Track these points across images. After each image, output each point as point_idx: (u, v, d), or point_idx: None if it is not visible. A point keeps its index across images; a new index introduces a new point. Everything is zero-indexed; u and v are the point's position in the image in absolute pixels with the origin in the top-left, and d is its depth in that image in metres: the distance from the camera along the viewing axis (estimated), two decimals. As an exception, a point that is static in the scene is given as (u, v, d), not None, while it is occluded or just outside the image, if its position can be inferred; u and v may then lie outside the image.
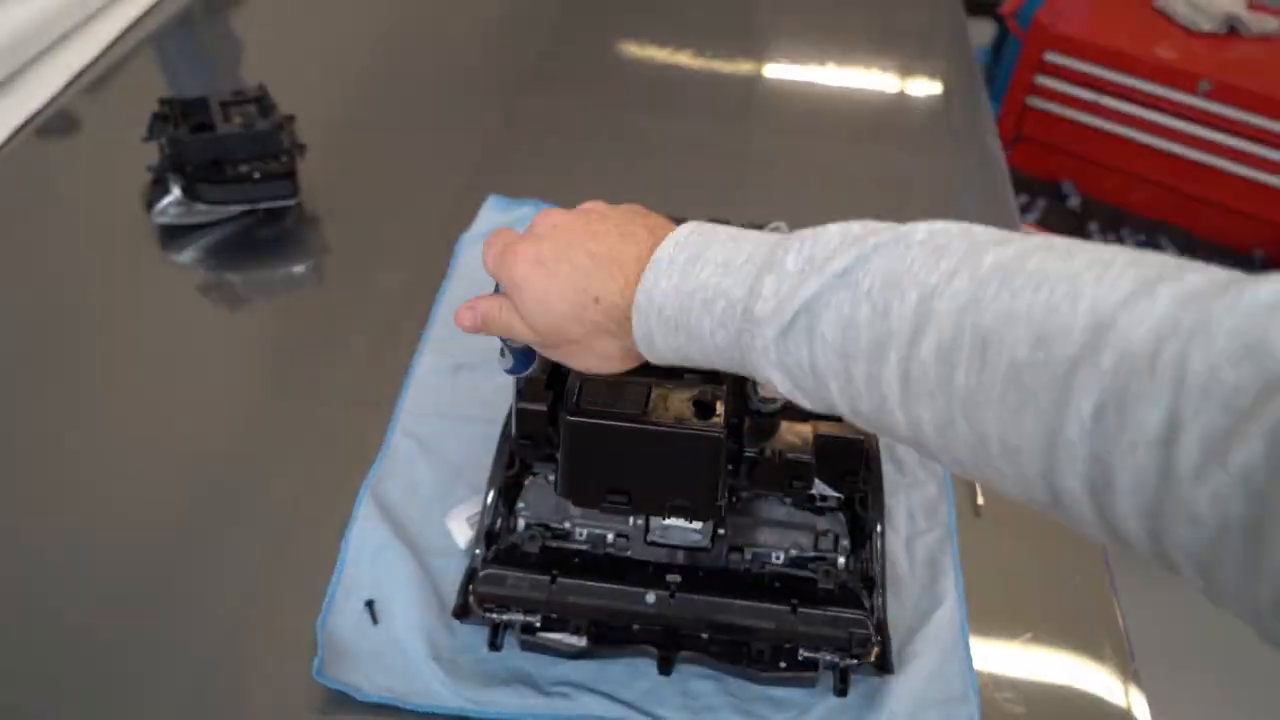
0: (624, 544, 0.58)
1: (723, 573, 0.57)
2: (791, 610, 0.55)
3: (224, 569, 0.62)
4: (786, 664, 0.56)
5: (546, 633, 0.57)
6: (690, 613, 0.55)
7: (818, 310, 0.36)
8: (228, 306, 0.82)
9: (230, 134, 0.82)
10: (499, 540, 0.59)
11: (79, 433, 0.71)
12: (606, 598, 0.55)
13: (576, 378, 0.51)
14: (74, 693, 0.56)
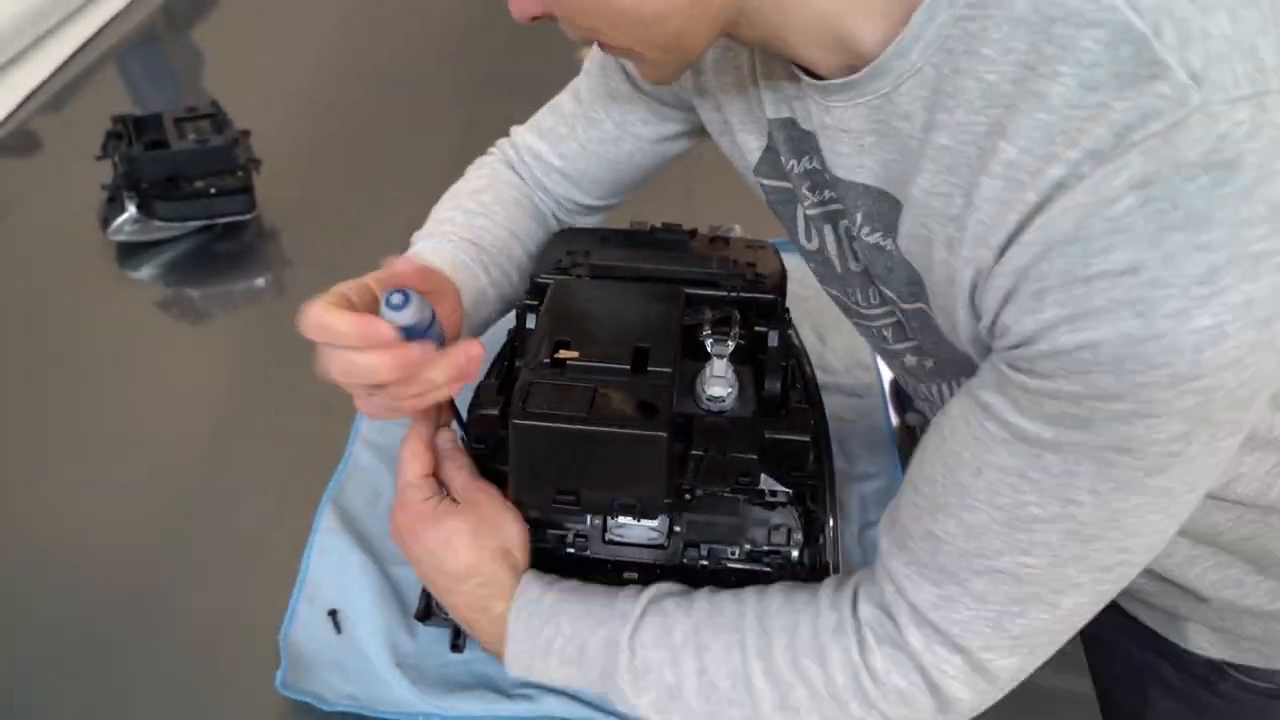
0: (583, 543, 0.58)
1: (679, 569, 0.57)
2: None
3: (189, 583, 0.61)
4: None
5: None
6: None
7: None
8: (188, 322, 0.81)
9: (184, 150, 0.80)
10: None
11: (40, 450, 0.69)
12: None
13: (525, 379, 0.51)
14: (41, 710, 0.55)
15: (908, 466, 0.47)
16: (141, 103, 1.05)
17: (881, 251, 0.46)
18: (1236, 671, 0.65)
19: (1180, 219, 0.32)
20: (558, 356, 0.52)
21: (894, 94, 0.40)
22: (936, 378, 0.55)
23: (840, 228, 0.51)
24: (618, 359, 0.51)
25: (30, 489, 0.67)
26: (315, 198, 0.92)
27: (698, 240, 0.66)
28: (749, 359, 0.58)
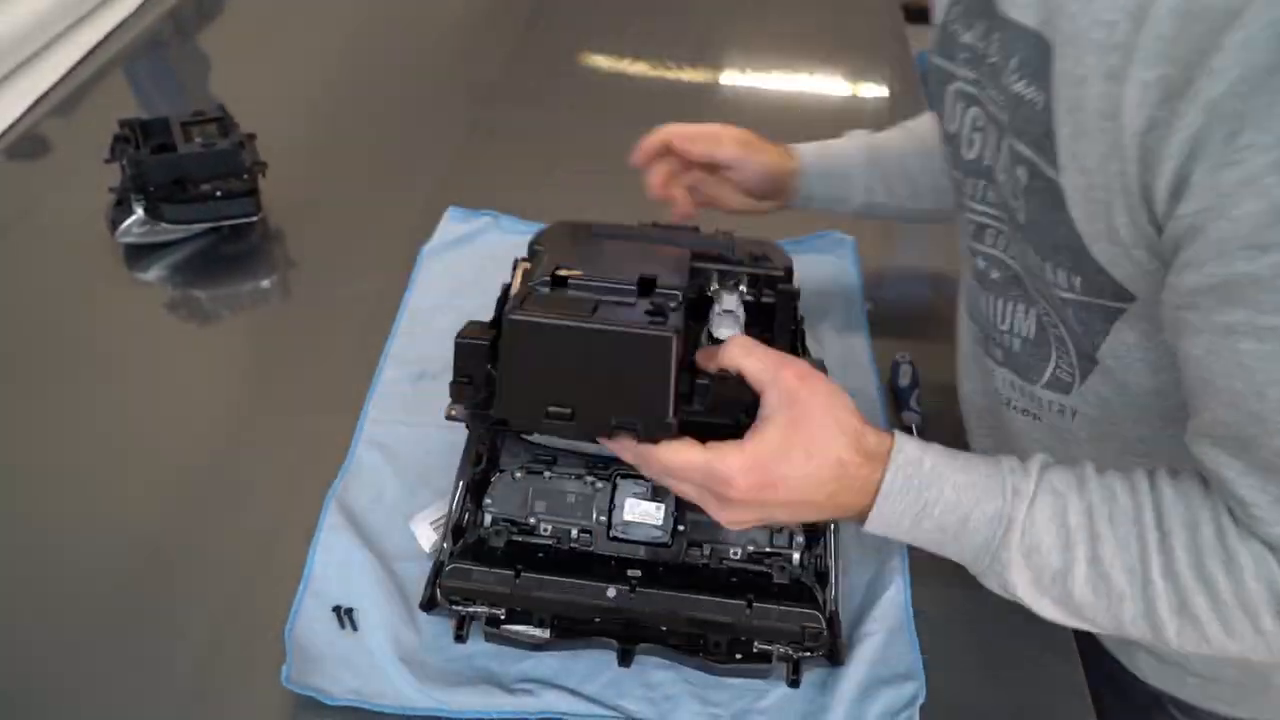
0: (587, 539, 0.57)
1: (682, 568, 0.57)
2: (747, 606, 0.54)
3: (197, 580, 0.61)
4: (742, 655, 0.56)
5: (511, 625, 0.56)
6: (650, 607, 0.55)
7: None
8: (196, 322, 0.81)
9: (191, 154, 0.80)
10: (466, 535, 0.58)
11: (51, 449, 0.69)
12: (569, 592, 0.55)
13: (522, 291, 0.47)
14: (52, 700, 0.55)
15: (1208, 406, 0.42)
16: (149, 107, 1.05)
17: (1023, 103, 0.46)
18: (1174, 707, 0.64)
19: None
20: (559, 274, 0.47)
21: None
22: (996, 291, 0.58)
23: (985, 110, 0.53)
24: (623, 281, 0.47)
25: (41, 485, 0.67)
26: (320, 200, 0.92)
27: (702, 233, 0.67)
28: (755, 323, 0.55)
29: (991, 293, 0.59)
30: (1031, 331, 0.56)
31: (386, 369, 0.74)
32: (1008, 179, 0.51)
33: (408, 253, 0.85)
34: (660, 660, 0.58)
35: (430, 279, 0.83)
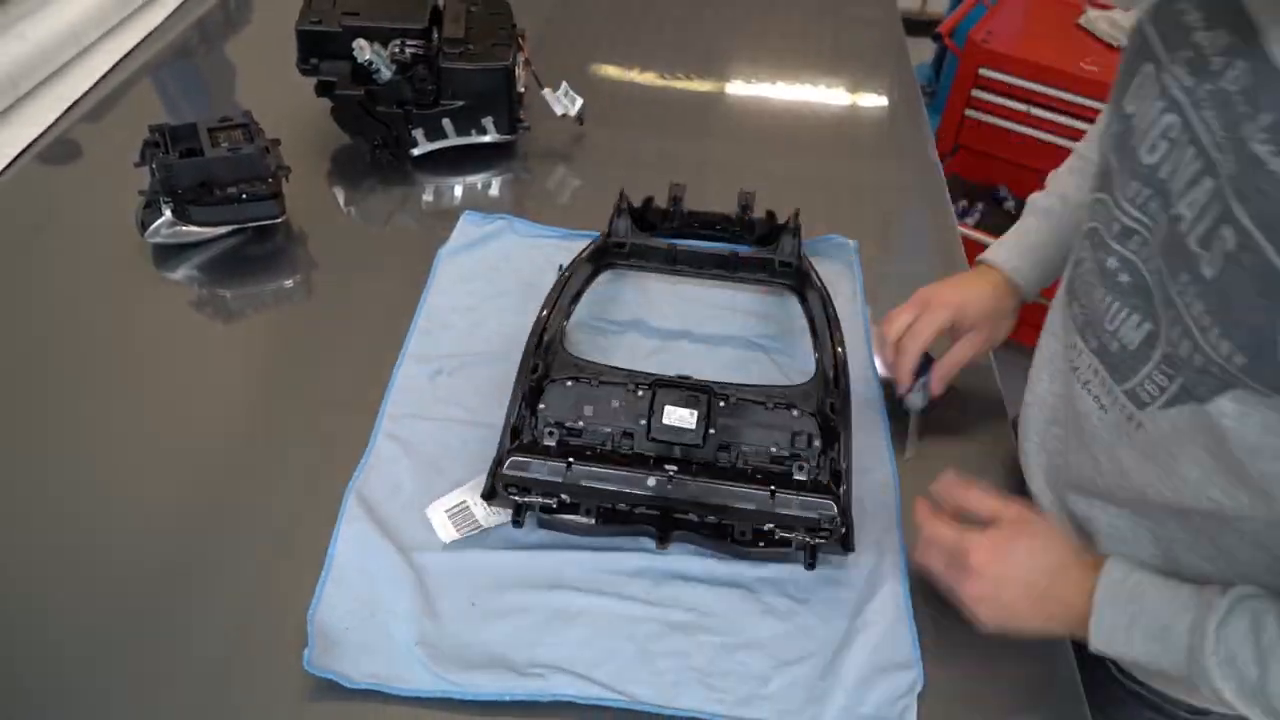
0: (629, 441, 0.62)
1: (712, 465, 0.61)
2: (770, 495, 0.59)
3: (223, 569, 0.62)
4: (765, 543, 0.61)
5: (561, 515, 0.61)
6: (684, 495, 0.60)
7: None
8: (221, 320, 0.81)
9: (217, 158, 0.80)
10: (522, 436, 0.62)
11: (83, 443, 0.69)
12: (614, 481, 0.60)
13: None
14: (85, 682, 0.56)
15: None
16: (176, 113, 1.05)
17: (1264, 173, 0.42)
18: (1113, 664, 0.64)
19: None
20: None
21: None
22: (1117, 293, 0.54)
23: (1192, 132, 0.47)
24: None
25: (73, 478, 0.67)
26: (341, 203, 0.93)
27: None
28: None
29: (1111, 292, 0.54)
30: (1135, 343, 0.52)
31: (404, 366, 0.75)
32: (1203, 228, 0.46)
33: (426, 254, 0.86)
34: (668, 648, 0.58)
35: (447, 279, 0.83)
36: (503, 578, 0.61)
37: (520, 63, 0.95)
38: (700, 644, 0.58)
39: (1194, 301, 0.46)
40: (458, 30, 0.92)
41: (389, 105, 0.90)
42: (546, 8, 1.24)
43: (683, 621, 0.59)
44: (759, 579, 0.62)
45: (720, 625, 0.59)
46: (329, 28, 0.89)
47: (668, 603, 0.60)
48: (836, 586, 0.62)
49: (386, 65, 0.88)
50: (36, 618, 0.59)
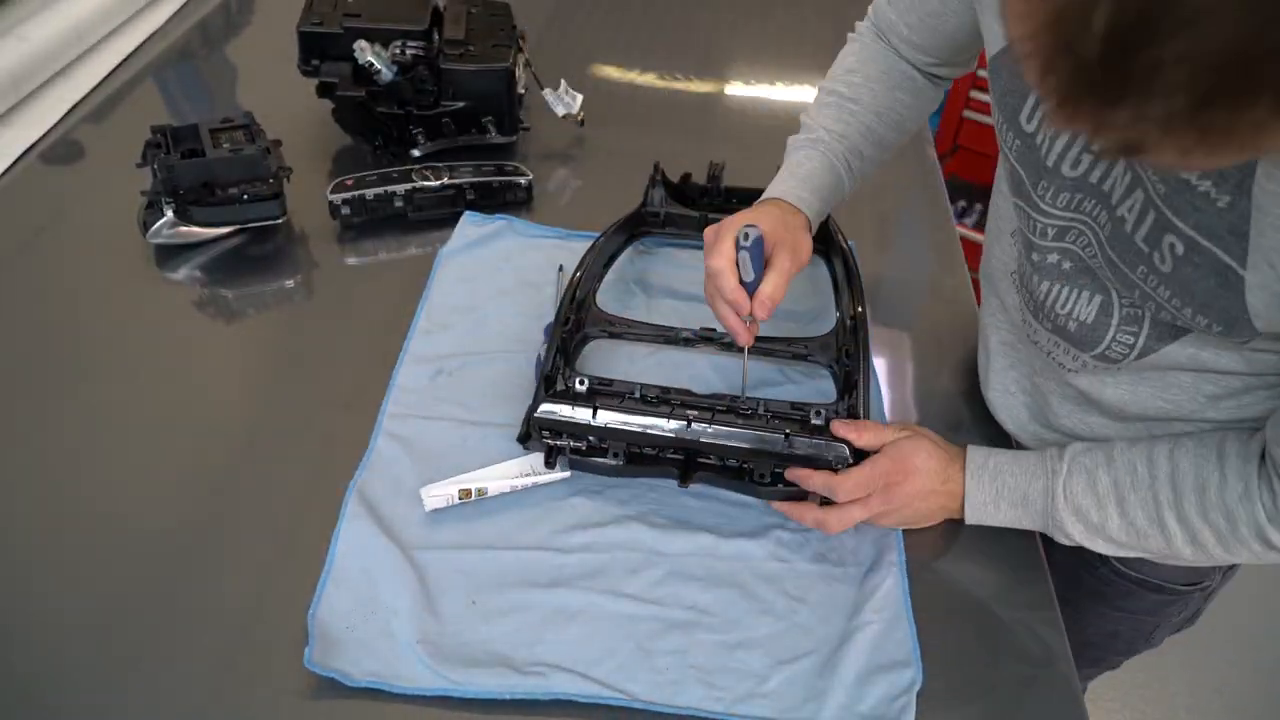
0: (656, 390, 0.65)
1: (731, 410, 0.64)
2: (785, 437, 0.62)
3: (224, 567, 0.62)
4: (782, 484, 0.64)
5: (590, 458, 0.65)
6: (705, 438, 0.63)
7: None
8: (222, 320, 0.81)
9: (219, 159, 0.80)
10: (555, 384, 0.66)
11: (85, 441, 0.69)
12: (639, 425, 0.63)
13: None
14: (85, 681, 0.56)
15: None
16: (178, 114, 1.05)
17: (1196, 194, 0.45)
18: (1115, 559, 0.70)
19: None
20: None
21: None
22: (1058, 278, 0.58)
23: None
24: None
25: (74, 477, 0.67)
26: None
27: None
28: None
29: (1056, 281, 0.58)
30: (1091, 316, 0.57)
31: (405, 366, 0.75)
32: (1145, 230, 0.50)
33: (426, 254, 0.86)
34: (667, 645, 0.58)
35: (448, 280, 0.83)
36: (503, 577, 0.61)
37: (520, 64, 0.95)
38: (699, 642, 0.58)
39: (1158, 288, 0.51)
40: (458, 31, 0.93)
41: (390, 106, 0.91)
42: (546, 8, 1.24)
43: (682, 620, 0.59)
44: (758, 577, 0.62)
45: (719, 623, 0.59)
46: (330, 29, 0.89)
47: (667, 601, 0.60)
48: (835, 584, 0.62)
49: (387, 66, 0.88)
50: (37, 617, 0.59)
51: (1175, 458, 0.56)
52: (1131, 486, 0.57)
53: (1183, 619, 0.76)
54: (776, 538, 0.64)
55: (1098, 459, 0.59)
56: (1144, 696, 1.43)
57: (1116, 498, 0.57)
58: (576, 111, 0.98)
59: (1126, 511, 0.57)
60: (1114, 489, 0.58)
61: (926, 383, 0.79)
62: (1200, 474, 0.55)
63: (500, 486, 0.65)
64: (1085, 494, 0.58)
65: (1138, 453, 0.58)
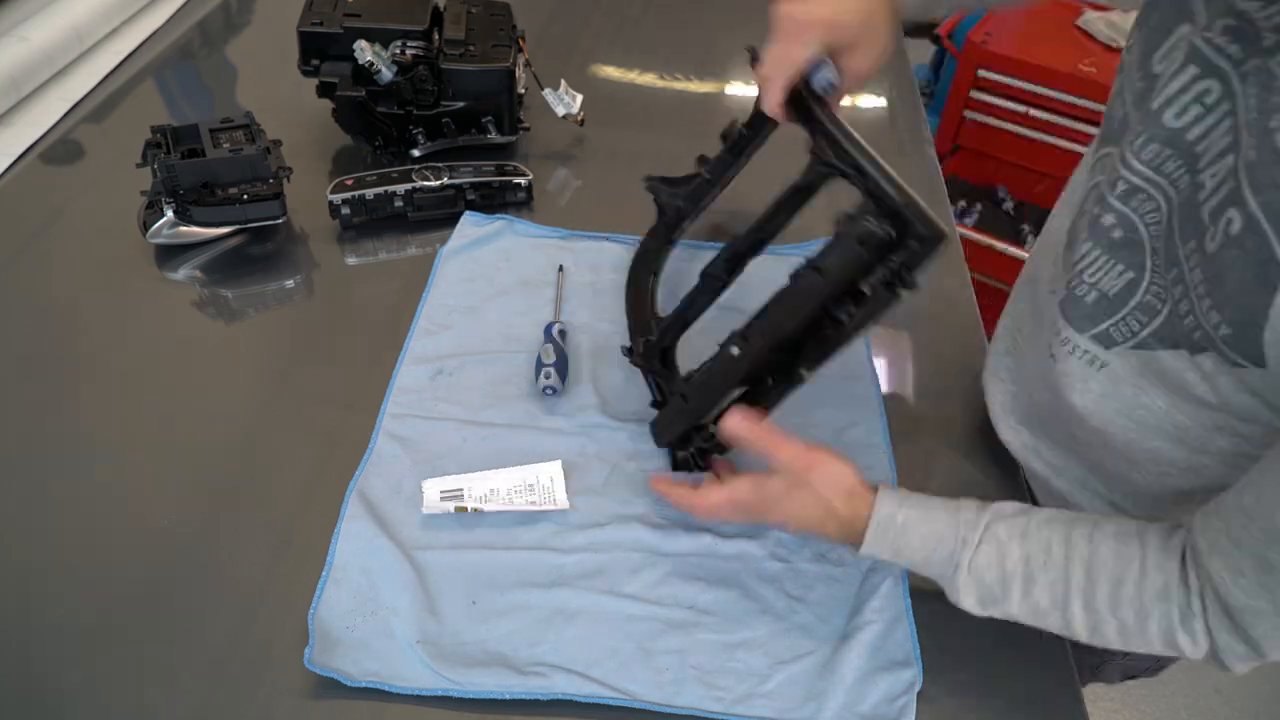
0: None
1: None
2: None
3: (224, 567, 0.62)
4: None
5: None
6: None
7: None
8: (223, 320, 0.81)
9: (219, 159, 0.80)
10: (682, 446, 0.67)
11: (84, 442, 0.69)
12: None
13: None
14: (86, 681, 0.56)
15: (1236, 491, 0.47)
16: (178, 114, 1.05)
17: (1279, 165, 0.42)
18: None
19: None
20: None
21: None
22: (1105, 247, 0.55)
23: (1231, 102, 0.46)
24: None
25: (74, 476, 0.67)
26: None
27: None
28: None
29: (1099, 246, 0.55)
30: (1115, 290, 0.54)
31: (405, 366, 0.75)
32: (1216, 201, 0.46)
33: (426, 254, 0.86)
34: (666, 646, 0.58)
35: (448, 280, 0.83)
36: (503, 577, 0.61)
37: (520, 64, 0.95)
38: (699, 642, 0.58)
39: (1195, 269, 0.48)
40: (458, 31, 0.93)
41: (390, 106, 0.91)
42: (546, 8, 1.24)
43: (682, 620, 0.59)
44: (758, 577, 0.62)
45: (719, 623, 0.59)
46: (330, 29, 0.89)
47: (667, 601, 0.60)
48: (835, 584, 0.62)
49: (387, 66, 0.88)
50: (37, 616, 0.59)
51: (1095, 542, 0.52)
52: (1043, 567, 0.53)
53: None
54: (776, 537, 0.64)
55: (1013, 531, 0.54)
56: (1143, 696, 1.43)
57: (1024, 576, 0.53)
58: (576, 111, 0.98)
59: (1031, 592, 0.53)
60: (1023, 565, 0.53)
61: (925, 381, 0.79)
62: (1119, 564, 0.51)
63: (496, 507, 0.64)
64: (991, 568, 0.54)
65: (1055, 531, 0.53)
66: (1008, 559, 0.53)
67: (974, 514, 0.55)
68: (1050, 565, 0.53)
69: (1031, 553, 0.53)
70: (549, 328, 0.76)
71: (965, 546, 0.54)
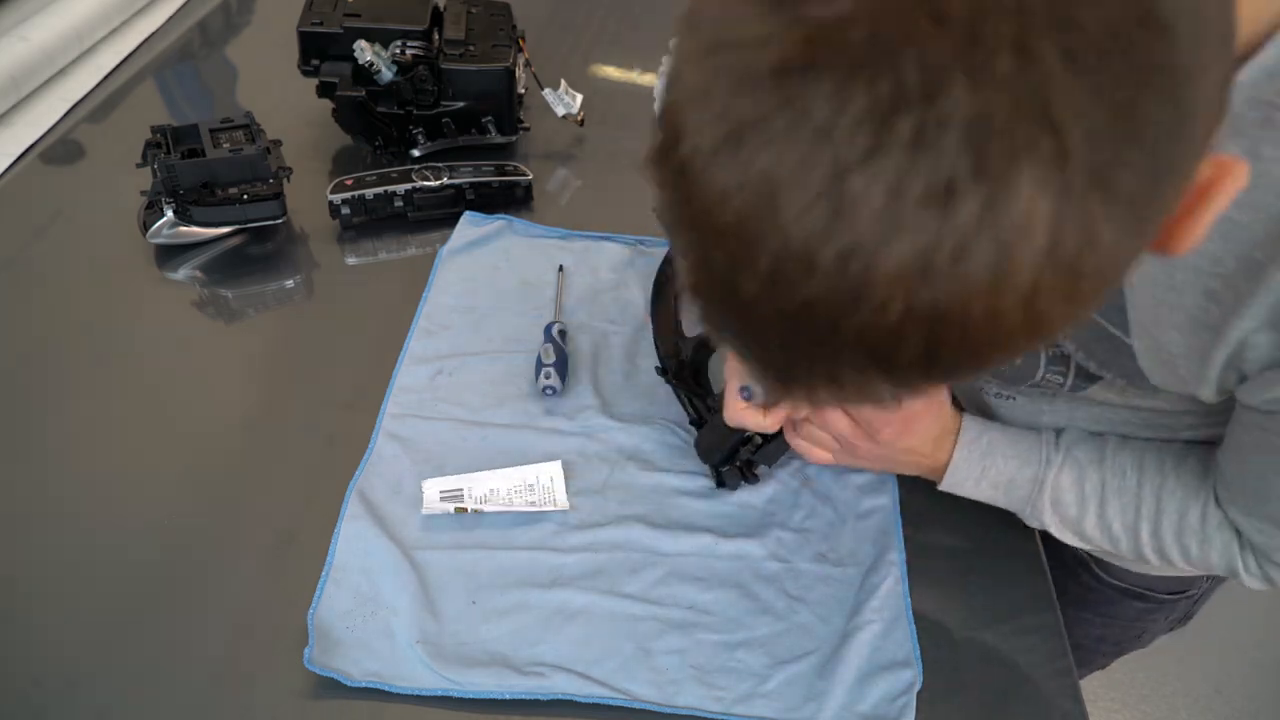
0: None
1: None
2: None
3: (224, 567, 0.62)
4: None
5: None
6: None
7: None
8: (222, 320, 0.81)
9: (219, 159, 0.80)
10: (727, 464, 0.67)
11: (83, 442, 0.69)
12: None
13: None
14: (85, 681, 0.56)
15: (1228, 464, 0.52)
16: (178, 114, 1.05)
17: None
18: (1096, 566, 0.71)
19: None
20: None
21: None
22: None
23: None
24: None
25: (74, 476, 0.67)
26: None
27: None
28: None
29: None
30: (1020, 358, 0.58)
31: (405, 366, 0.75)
32: None
33: (426, 254, 0.86)
34: (667, 645, 0.58)
35: (448, 280, 0.83)
36: (503, 577, 0.61)
37: (520, 64, 0.95)
38: (699, 642, 0.58)
39: (1068, 342, 0.54)
40: (458, 31, 0.93)
41: (390, 106, 0.90)
42: (546, 8, 1.24)
43: (681, 620, 0.59)
44: (758, 577, 0.62)
45: (719, 623, 0.59)
46: (330, 29, 0.89)
47: (667, 601, 0.60)
48: (835, 584, 0.62)
49: (387, 66, 0.88)
50: (36, 616, 0.59)
51: (1165, 472, 0.56)
52: (1116, 492, 0.57)
53: (1172, 621, 0.76)
54: (776, 538, 0.64)
55: (1090, 454, 0.58)
56: (1144, 696, 1.43)
57: (1099, 500, 0.57)
58: (576, 111, 0.98)
59: (1105, 514, 0.57)
60: (1099, 490, 0.57)
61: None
62: (1187, 495, 0.55)
63: (496, 507, 0.64)
64: (1071, 489, 0.58)
65: (1129, 456, 0.57)
66: (1087, 481, 0.57)
67: (1052, 434, 0.59)
68: (1124, 489, 0.56)
69: (1107, 476, 0.57)
70: (549, 328, 0.76)
71: (1049, 465, 0.58)
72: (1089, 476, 0.57)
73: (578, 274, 0.84)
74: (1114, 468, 0.57)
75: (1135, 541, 0.57)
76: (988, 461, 0.59)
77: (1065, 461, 0.58)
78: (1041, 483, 0.58)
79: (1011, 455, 0.59)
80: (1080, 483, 0.58)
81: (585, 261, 0.85)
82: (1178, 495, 0.55)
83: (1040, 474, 0.58)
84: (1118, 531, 0.57)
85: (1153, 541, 0.56)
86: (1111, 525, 0.57)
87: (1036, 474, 0.58)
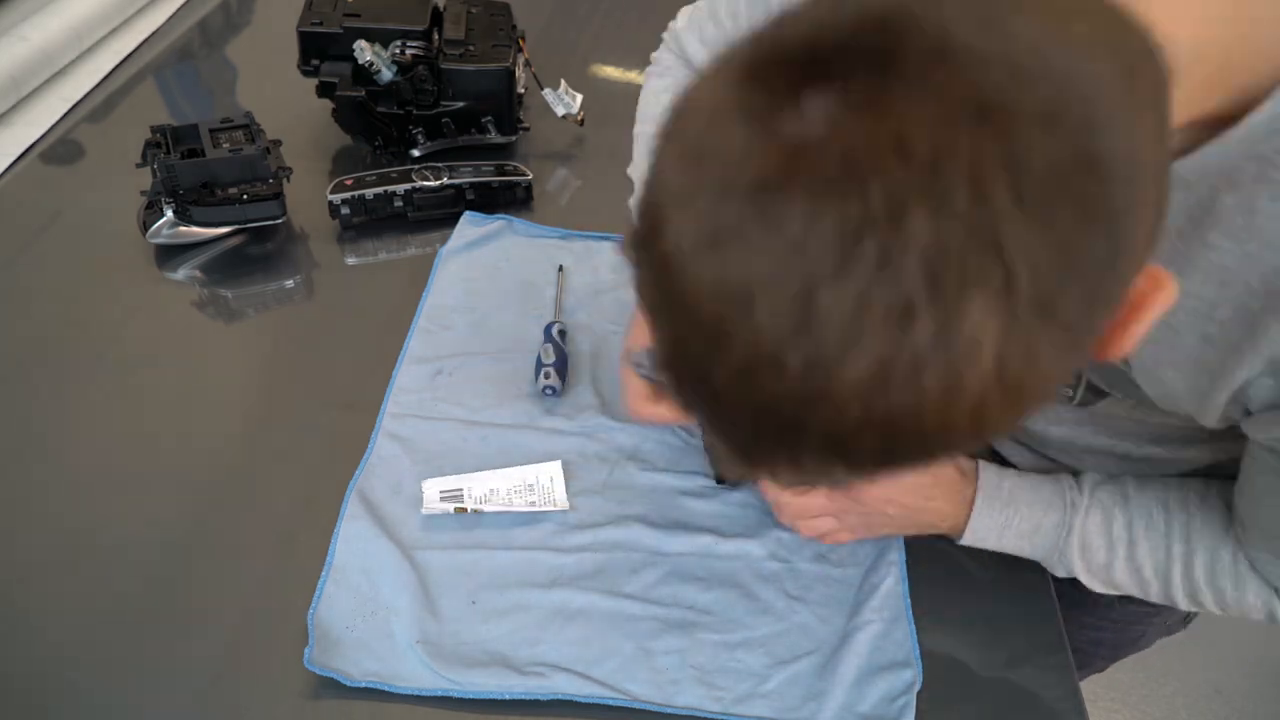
0: None
1: None
2: None
3: (224, 567, 0.62)
4: None
5: None
6: None
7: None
8: (222, 320, 0.81)
9: (219, 159, 0.80)
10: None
11: (83, 442, 0.70)
12: None
13: None
14: (85, 682, 0.56)
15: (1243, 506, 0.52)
16: (178, 114, 1.05)
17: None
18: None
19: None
20: None
21: None
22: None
23: None
24: None
25: (74, 476, 0.67)
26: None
27: None
28: None
29: None
30: None
31: (405, 366, 0.75)
32: None
33: (426, 254, 0.86)
34: (667, 645, 0.58)
35: (447, 280, 0.83)
36: (503, 577, 0.61)
37: (520, 64, 0.95)
38: (699, 642, 0.58)
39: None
40: (458, 31, 0.93)
41: (390, 106, 0.91)
42: (546, 8, 1.24)
43: (681, 620, 0.60)
44: (758, 577, 0.62)
45: (719, 623, 0.59)
46: (330, 29, 0.89)
47: (666, 601, 0.60)
48: (835, 584, 0.62)
49: (387, 66, 0.88)
50: (36, 616, 0.59)
51: (1191, 511, 0.55)
52: (1145, 532, 0.55)
53: (1171, 624, 0.75)
54: (776, 538, 0.64)
55: (1115, 496, 0.56)
56: (1144, 696, 1.43)
57: (1128, 541, 0.55)
58: (576, 111, 0.98)
59: (1134, 556, 0.55)
60: (1126, 532, 0.55)
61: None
62: (1216, 535, 0.54)
63: (496, 507, 0.64)
64: (1099, 533, 0.56)
65: (1152, 496, 0.56)
66: (1114, 523, 0.56)
67: (1072, 479, 0.58)
68: (1152, 529, 0.55)
69: (1134, 518, 0.55)
70: (549, 328, 0.76)
71: (1075, 510, 0.56)
72: (1116, 518, 0.56)
73: (578, 274, 0.84)
74: (1139, 508, 0.56)
75: (1166, 585, 0.55)
76: (1011, 510, 0.58)
77: (1091, 505, 0.56)
78: (1070, 527, 0.56)
79: (1034, 501, 0.57)
80: (1108, 525, 0.56)
81: (585, 261, 0.85)
82: (1206, 535, 0.54)
83: (1066, 518, 0.57)
84: (1148, 575, 0.55)
85: (1185, 584, 0.54)
86: (1142, 568, 0.55)
87: (1063, 519, 0.57)
